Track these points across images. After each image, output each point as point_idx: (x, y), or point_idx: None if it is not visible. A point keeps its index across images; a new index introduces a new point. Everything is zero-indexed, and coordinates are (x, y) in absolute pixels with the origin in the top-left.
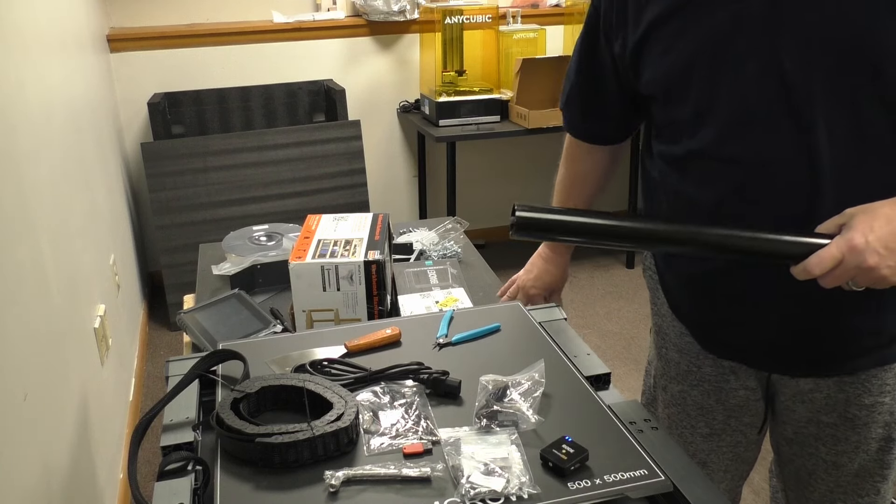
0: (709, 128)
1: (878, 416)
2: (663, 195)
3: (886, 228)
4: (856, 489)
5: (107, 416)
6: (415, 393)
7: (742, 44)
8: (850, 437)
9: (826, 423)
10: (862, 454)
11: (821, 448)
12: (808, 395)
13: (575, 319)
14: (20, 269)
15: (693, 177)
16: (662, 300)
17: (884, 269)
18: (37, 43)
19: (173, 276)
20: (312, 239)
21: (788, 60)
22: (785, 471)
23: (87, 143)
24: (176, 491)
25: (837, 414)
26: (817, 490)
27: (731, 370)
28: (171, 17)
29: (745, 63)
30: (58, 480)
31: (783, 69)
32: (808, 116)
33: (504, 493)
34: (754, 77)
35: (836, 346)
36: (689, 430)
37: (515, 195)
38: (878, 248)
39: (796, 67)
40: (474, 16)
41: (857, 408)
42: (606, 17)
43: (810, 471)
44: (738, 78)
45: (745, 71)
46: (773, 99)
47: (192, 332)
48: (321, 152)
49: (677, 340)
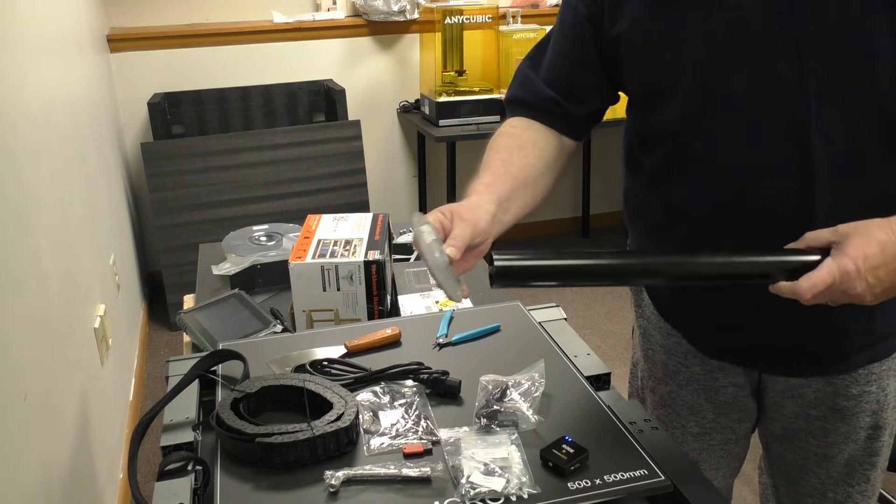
0: (700, 133)
1: (866, 406)
2: (651, 207)
3: (880, 258)
4: (846, 480)
5: (107, 416)
6: (415, 393)
7: (738, 49)
8: (840, 428)
9: (815, 416)
10: (851, 444)
11: (811, 442)
12: (798, 390)
13: (575, 319)
14: (20, 269)
15: (684, 185)
16: (647, 302)
17: (868, 295)
18: (37, 43)
19: (173, 276)
20: (312, 239)
21: (785, 66)
22: (775, 467)
23: (87, 143)
24: (176, 491)
25: (826, 406)
26: (809, 484)
27: (720, 368)
28: (171, 17)
29: (740, 68)
30: (58, 480)
31: (779, 75)
32: (804, 122)
33: (504, 493)
34: (749, 83)
35: (829, 347)
36: (680, 429)
37: None
38: (868, 278)
39: (793, 73)
40: (474, 16)
41: (845, 399)
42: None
43: (801, 465)
44: (732, 83)
45: (740, 76)
46: (768, 104)
47: (192, 332)
48: (321, 152)
49: (664, 341)
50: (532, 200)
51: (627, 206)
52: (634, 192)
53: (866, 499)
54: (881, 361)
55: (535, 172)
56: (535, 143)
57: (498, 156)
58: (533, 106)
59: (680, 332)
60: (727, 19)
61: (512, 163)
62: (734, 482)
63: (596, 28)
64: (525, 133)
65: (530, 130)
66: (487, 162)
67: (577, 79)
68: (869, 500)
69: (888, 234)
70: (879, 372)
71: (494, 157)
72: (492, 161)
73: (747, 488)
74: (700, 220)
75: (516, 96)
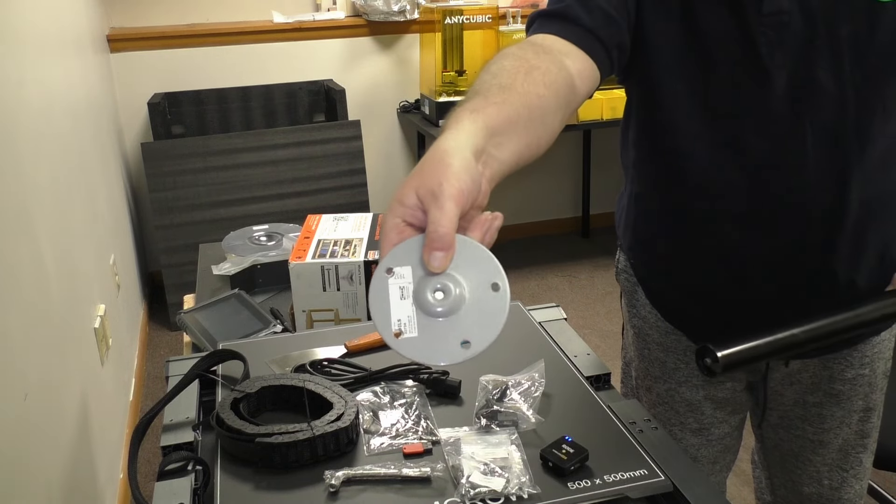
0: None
1: (859, 389)
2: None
3: None
4: (841, 464)
5: (107, 416)
6: (415, 393)
7: (777, 54)
8: (836, 412)
9: (811, 402)
10: (845, 428)
11: (807, 429)
12: (796, 375)
13: (575, 319)
14: (20, 269)
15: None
16: (643, 302)
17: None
18: (37, 43)
19: (173, 276)
20: (312, 239)
21: (823, 69)
22: (770, 458)
23: (87, 143)
24: (176, 491)
25: (822, 392)
26: (804, 472)
27: None
28: (171, 17)
29: (776, 76)
30: (58, 480)
31: (816, 77)
32: (842, 123)
33: (504, 493)
34: (785, 91)
35: None
36: (679, 426)
37: (515, 195)
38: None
39: (831, 76)
40: (474, 16)
41: (841, 383)
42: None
43: (796, 453)
44: (765, 90)
45: (774, 83)
46: (800, 113)
47: (192, 332)
48: (321, 152)
49: (662, 339)
50: (536, 141)
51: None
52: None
53: (859, 482)
54: (873, 344)
55: (545, 104)
56: (546, 71)
57: (495, 80)
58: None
59: (684, 332)
60: (768, 24)
61: (514, 88)
62: (733, 481)
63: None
64: (536, 59)
65: (542, 57)
66: (479, 85)
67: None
68: (861, 482)
69: None
70: (872, 354)
71: (490, 81)
72: (485, 85)
73: (746, 488)
74: (724, 227)
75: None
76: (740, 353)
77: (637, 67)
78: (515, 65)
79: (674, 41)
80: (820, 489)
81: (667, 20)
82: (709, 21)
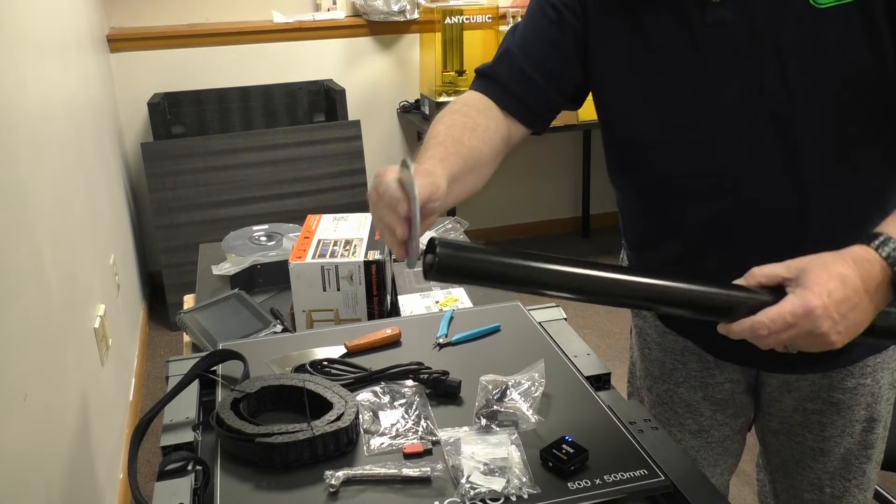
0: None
1: (861, 398)
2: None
3: (842, 292)
4: (843, 473)
5: (107, 416)
6: (415, 393)
7: (723, 62)
8: (836, 421)
9: (811, 409)
10: (847, 437)
11: (807, 436)
12: (794, 384)
13: (575, 319)
14: (20, 269)
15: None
16: None
17: (833, 335)
18: (37, 43)
19: (173, 276)
20: (312, 239)
21: (769, 75)
22: (772, 462)
23: (87, 143)
24: (176, 491)
25: (822, 400)
26: (806, 478)
27: (717, 365)
28: (171, 17)
29: (727, 81)
30: (58, 480)
31: (764, 84)
32: (792, 129)
33: (504, 493)
34: (736, 98)
35: None
36: (678, 427)
37: (515, 195)
38: (833, 314)
39: (777, 82)
40: (474, 16)
41: (841, 391)
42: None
43: (797, 459)
44: (718, 99)
45: (726, 91)
46: (754, 119)
47: (192, 332)
48: (321, 152)
49: (660, 339)
50: (473, 187)
51: (622, 219)
52: (622, 205)
53: (862, 492)
54: (875, 354)
55: (483, 157)
56: (486, 128)
57: (450, 133)
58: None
59: (676, 332)
60: (711, 35)
61: (463, 143)
62: (733, 481)
63: (579, 22)
64: (478, 116)
65: (484, 114)
66: (438, 136)
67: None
68: (865, 493)
69: (847, 266)
70: (874, 364)
71: (446, 133)
72: (443, 136)
73: (747, 488)
74: (693, 232)
75: (489, 71)
76: (463, 259)
77: (594, 89)
78: (462, 121)
79: (626, 57)
80: (821, 497)
81: (617, 37)
82: (658, 35)
